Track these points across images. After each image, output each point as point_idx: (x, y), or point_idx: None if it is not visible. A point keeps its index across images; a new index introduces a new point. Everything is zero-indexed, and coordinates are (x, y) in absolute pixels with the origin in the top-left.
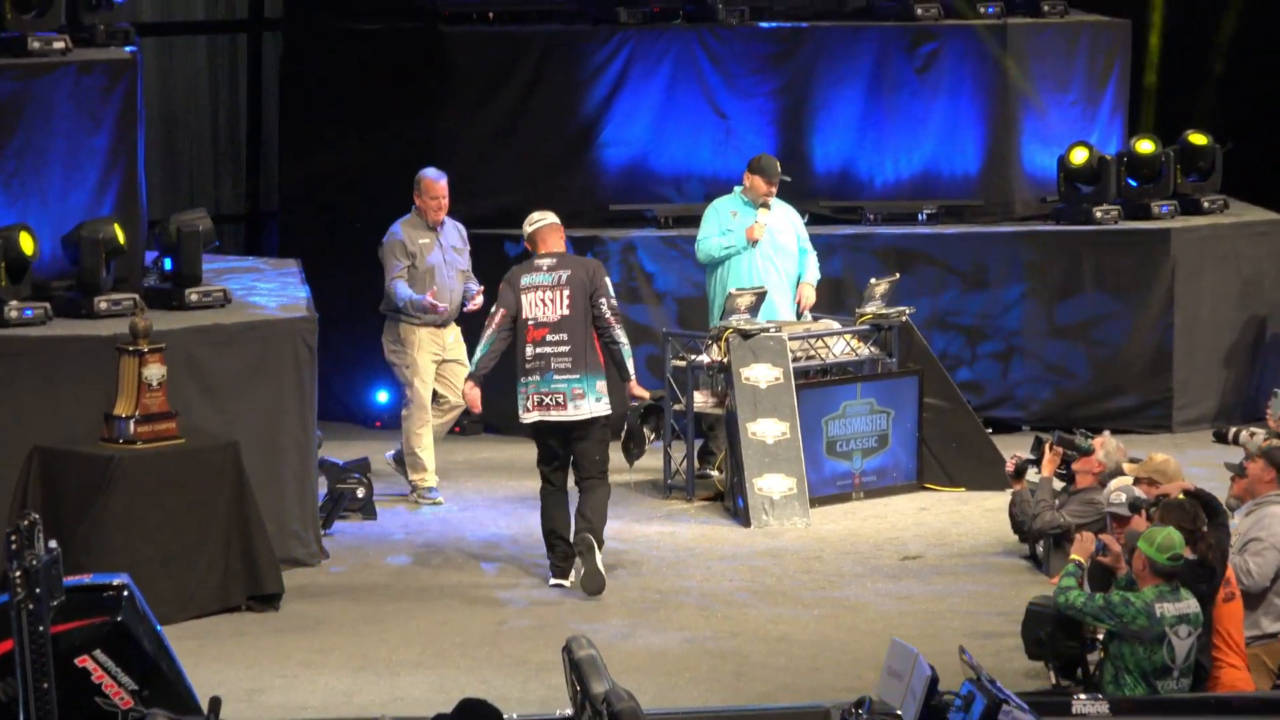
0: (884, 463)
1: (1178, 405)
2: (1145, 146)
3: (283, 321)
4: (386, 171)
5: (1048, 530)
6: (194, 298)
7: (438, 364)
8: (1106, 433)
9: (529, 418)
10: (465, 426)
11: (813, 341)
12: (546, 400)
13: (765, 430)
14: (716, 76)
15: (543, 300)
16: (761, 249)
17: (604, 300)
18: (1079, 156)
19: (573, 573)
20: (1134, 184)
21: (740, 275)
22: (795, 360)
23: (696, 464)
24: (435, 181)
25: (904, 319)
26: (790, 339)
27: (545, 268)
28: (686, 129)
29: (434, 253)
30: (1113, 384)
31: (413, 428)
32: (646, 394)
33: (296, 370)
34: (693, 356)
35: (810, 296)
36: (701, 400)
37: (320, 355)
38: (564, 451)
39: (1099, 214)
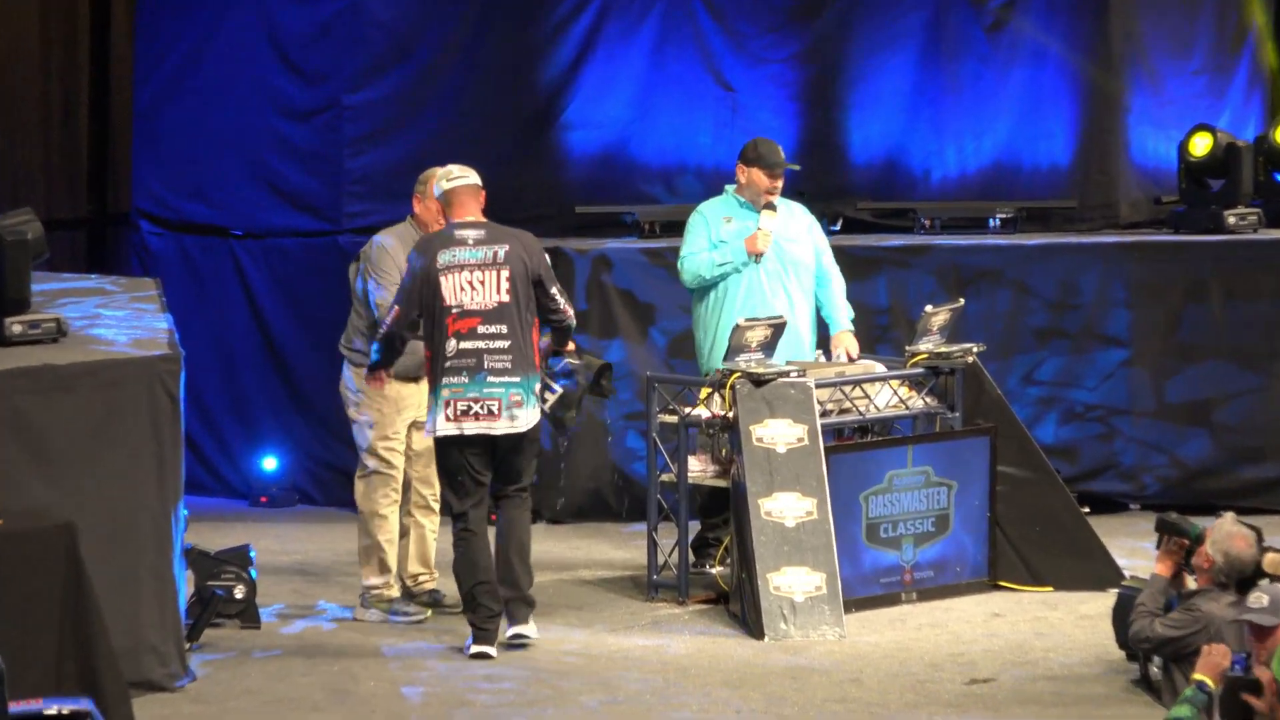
0: (944, 552)
1: None
2: None
3: (136, 362)
4: None
5: (1137, 644)
6: (16, 329)
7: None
8: (1228, 515)
9: (446, 430)
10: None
11: (848, 390)
12: (476, 408)
13: (784, 508)
14: (719, 36)
15: (470, 283)
16: (767, 265)
17: (554, 286)
18: (1203, 144)
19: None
20: (1279, 179)
21: (739, 301)
22: (825, 415)
23: (692, 555)
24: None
25: (970, 359)
26: (817, 386)
27: (472, 241)
28: (679, 106)
29: None
30: (1253, 447)
31: (374, 504)
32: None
33: (154, 427)
34: (687, 410)
35: (852, 346)
36: (699, 468)
37: (187, 408)
38: (486, 476)
39: (1232, 219)
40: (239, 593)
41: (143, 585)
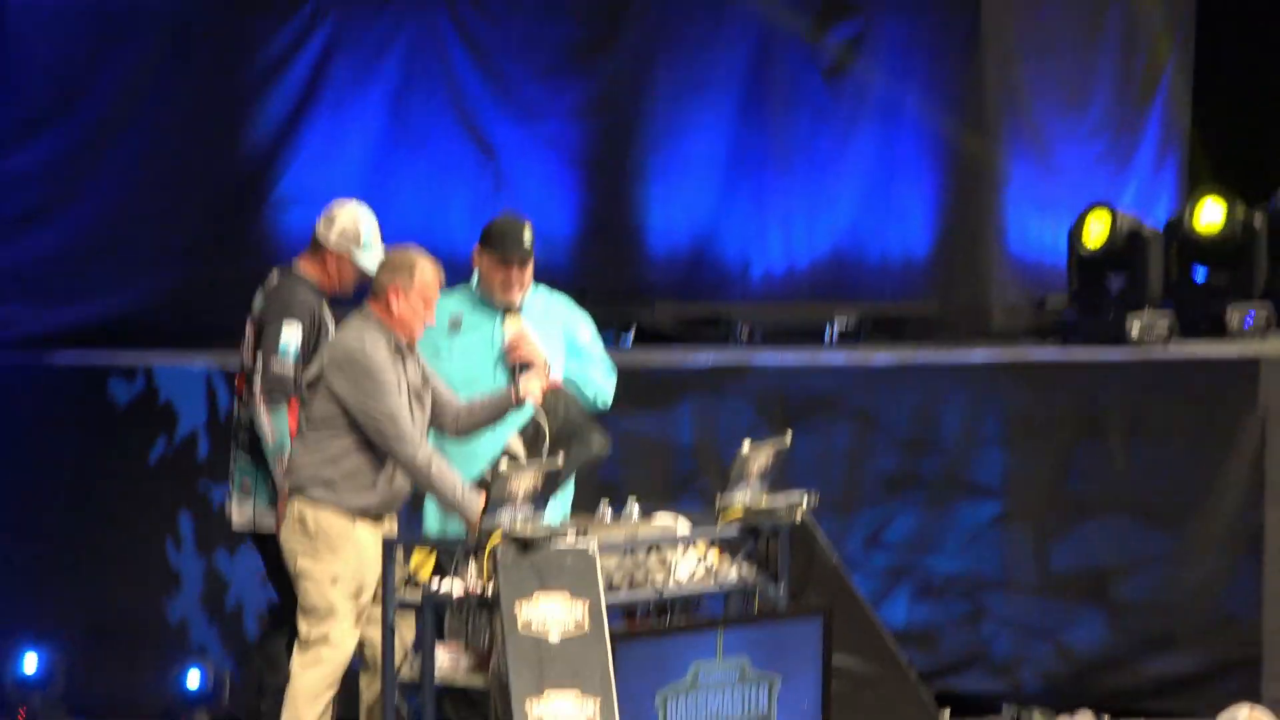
0: None
1: (1271, 671)
2: (1214, 213)
3: None
4: None
5: None
6: None
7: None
8: (1085, 714)
9: None
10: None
11: (643, 556)
12: None
13: (559, 713)
14: (479, 78)
15: None
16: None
17: None
18: (1099, 229)
19: None
20: (1198, 276)
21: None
22: (612, 589)
23: None
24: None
25: (799, 516)
26: (601, 550)
27: None
28: (427, 175)
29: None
30: (1159, 634)
31: (312, 686)
32: None
33: None
34: (432, 583)
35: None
36: (448, 663)
37: None
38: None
39: (1137, 329)
40: None
41: None
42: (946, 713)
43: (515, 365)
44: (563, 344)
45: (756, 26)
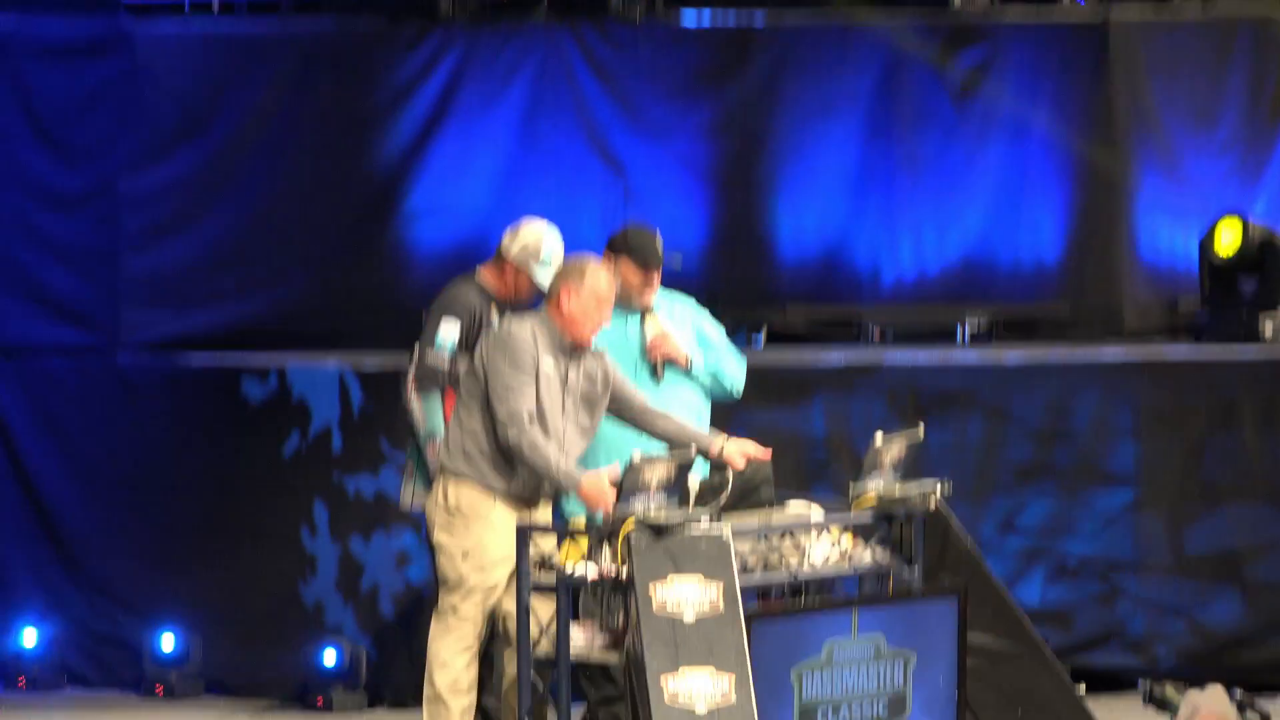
0: None
1: None
2: None
3: None
4: None
5: None
6: None
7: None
8: (1214, 688)
9: None
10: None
11: (777, 540)
12: None
13: (694, 689)
14: (607, 101)
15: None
16: (633, 378)
17: None
18: (1231, 237)
19: None
20: None
21: (609, 434)
22: (746, 571)
23: None
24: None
25: (932, 503)
26: (735, 535)
27: None
28: (556, 190)
29: (555, 389)
30: None
31: (442, 653)
32: None
33: None
34: (567, 567)
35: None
36: (583, 641)
37: None
38: None
39: (1269, 328)
40: None
41: None
42: (1082, 687)
43: (658, 361)
44: (694, 340)
45: (883, 52)
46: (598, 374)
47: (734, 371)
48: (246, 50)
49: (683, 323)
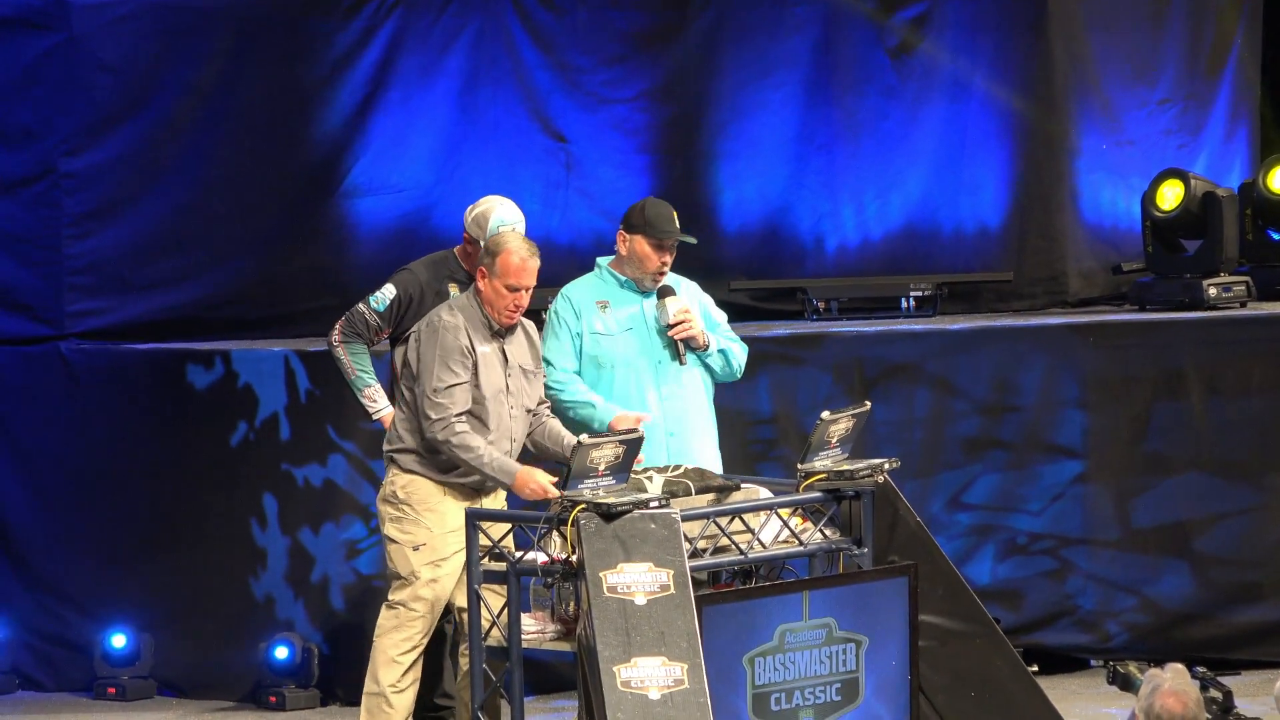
0: None
1: None
2: None
3: None
4: None
5: None
6: None
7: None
8: (1173, 667)
9: None
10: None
11: (725, 523)
12: None
13: (647, 677)
14: (547, 70)
15: None
16: (655, 358)
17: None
18: (1173, 195)
19: None
20: (1275, 237)
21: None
22: (696, 555)
23: None
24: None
25: (881, 479)
26: (685, 518)
27: None
28: (497, 163)
29: (495, 369)
30: (1246, 583)
31: (390, 648)
32: None
33: None
34: (519, 554)
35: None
36: (535, 629)
37: None
38: None
39: (1213, 291)
40: None
41: None
42: (1034, 667)
43: (682, 340)
44: (703, 320)
45: (822, 9)
46: (527, 349)
47: (739, 353)
48: (185, 21)
49: (691, 302)
